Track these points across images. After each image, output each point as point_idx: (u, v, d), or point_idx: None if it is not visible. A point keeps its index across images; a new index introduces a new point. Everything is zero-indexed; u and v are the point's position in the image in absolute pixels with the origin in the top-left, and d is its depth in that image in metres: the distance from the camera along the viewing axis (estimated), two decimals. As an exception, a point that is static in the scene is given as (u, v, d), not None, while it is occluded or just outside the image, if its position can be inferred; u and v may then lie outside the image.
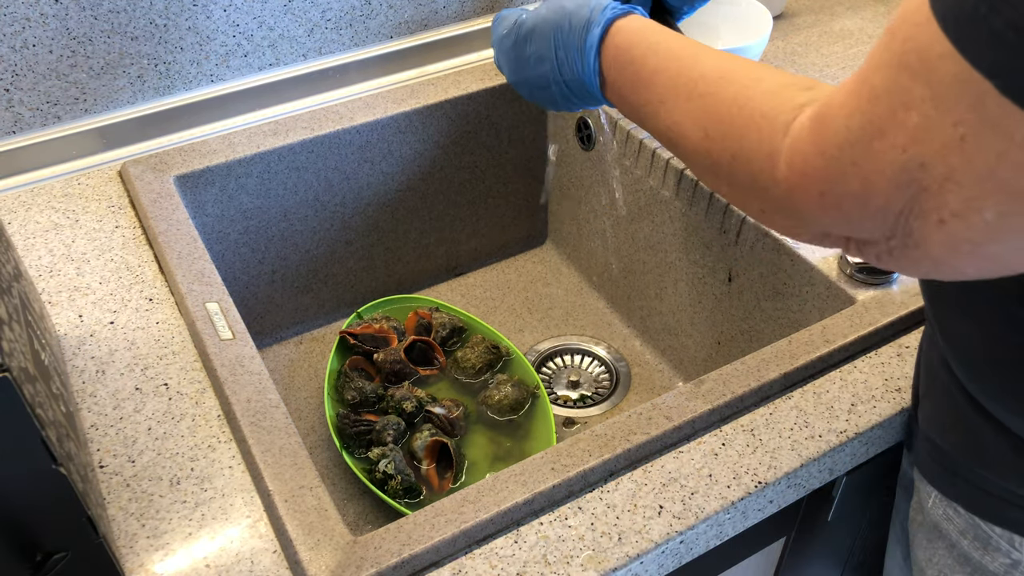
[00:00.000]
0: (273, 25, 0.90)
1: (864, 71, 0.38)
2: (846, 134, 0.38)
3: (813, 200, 0.41)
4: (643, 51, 0.56)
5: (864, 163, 0.37)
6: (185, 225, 0.78)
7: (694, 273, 0.90)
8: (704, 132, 0.50)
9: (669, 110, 0.53)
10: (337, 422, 0.84)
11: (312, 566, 0.52)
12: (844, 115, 0.38)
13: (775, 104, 0.45)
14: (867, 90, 0.37)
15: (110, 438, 0.61)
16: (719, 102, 0.49)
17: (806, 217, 0.43)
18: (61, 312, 0.71)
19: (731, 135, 0.47)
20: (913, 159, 0.35)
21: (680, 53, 0.54)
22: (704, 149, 0.50)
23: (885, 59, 0.36)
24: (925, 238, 0.37)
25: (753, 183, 0.46)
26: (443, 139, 0.98)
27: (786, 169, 0.43)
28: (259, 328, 0.98)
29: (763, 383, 0.64)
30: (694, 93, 0.51)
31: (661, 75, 0.54)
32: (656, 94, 0.54)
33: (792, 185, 0.42)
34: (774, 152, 0.44)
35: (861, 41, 1.05)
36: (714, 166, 0.50)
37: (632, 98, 0.57)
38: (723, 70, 0.50)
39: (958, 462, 0.56)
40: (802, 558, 0.78)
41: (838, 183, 0.39)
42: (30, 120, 0.84)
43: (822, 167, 0.40)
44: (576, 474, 0.58)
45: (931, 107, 0.34)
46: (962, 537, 0.58)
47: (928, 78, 0.34)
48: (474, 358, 0.91)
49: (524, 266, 1.11)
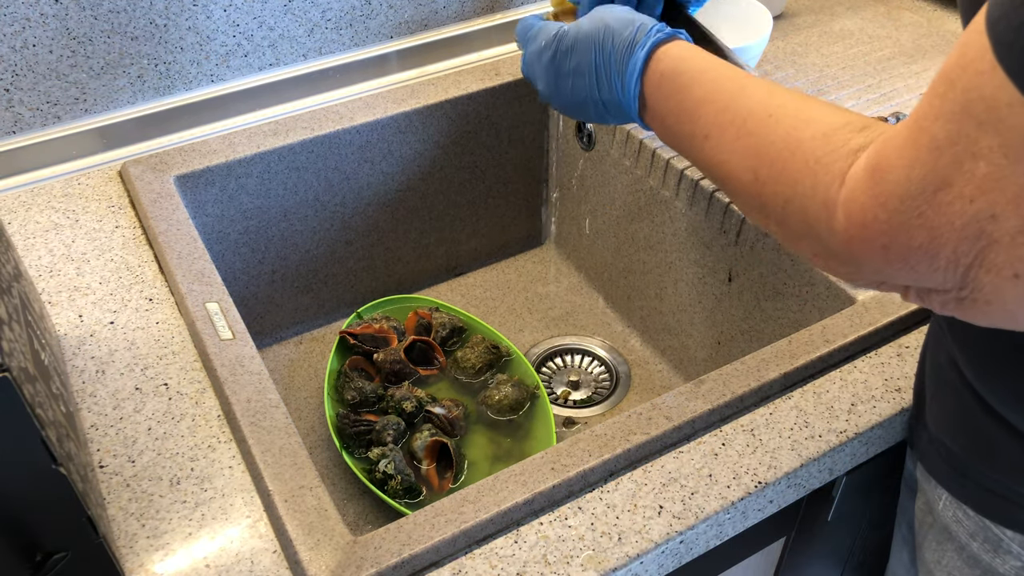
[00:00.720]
0: (273, 25, 0.90)
1: (921, 119, 0.37)
2: (907, 185, 0.37)
3: (876, 252, 0.40)
4: (688, 80, 0.54)
5: (930, 215, 0.36)
6: (185, 225, 0.78)
7: (694, 273, 0.90)
8: (754, 174, 0.48)
9: (714, 146, 0.51)
10: (337, 422, 0.84)
11: (312, 566, 0.52)
12: (903, 165, 0.37)
13: (828, 150, 0.43)
14: (927, 139, 0.36)
15: (110, 438, 0.61)
16: (769, 144, 0.47)
17: (866, 267, 0.42)
18: (61, 312, 0.71)
19: (783, 180, 0.46)
20: (983, 210, 0.34)
21: (727, 85, 0.52)
22: (754, 192, 0.48)
23: (945, 108, 0.35)
24: (999, 293, 0.36)
25: (808, 230, 0.44)
26: (443, 139, 0.98)
27: (844, 220, 0.41)
28: (259, 328, 0.98)
29: (763, 383, 0.64)
30: (742, 131, 0.49)
31: (706, 107, 0.52)
32: (700, 128, 0.52)
33: (852, 236, 0.41)
34: (830, 202, 0.42)
35: (861, 41, 1.05)
36: (764, 208, 0.48)
37: (675, 128, 0.55)
38: (772, 107, 0.48)
39: (968, 464, 0.56)
40: (802, 558, 0.78)
41: (903, 236, 0.38)
42: (30, 120, 0.84)
43: (884, 219, 0.38)
44: (576, 474, 0.58)
45: (1001, 157, 0.33)
46: (972, 539, 0.58)
47: (997, 127, 0.33)
48: (474, 358, 0.91)
49: (524, 266, 1.11)
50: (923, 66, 1.00)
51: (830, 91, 0.96)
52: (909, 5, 1.13)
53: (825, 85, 0.97)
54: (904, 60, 1.01)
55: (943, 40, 1.05)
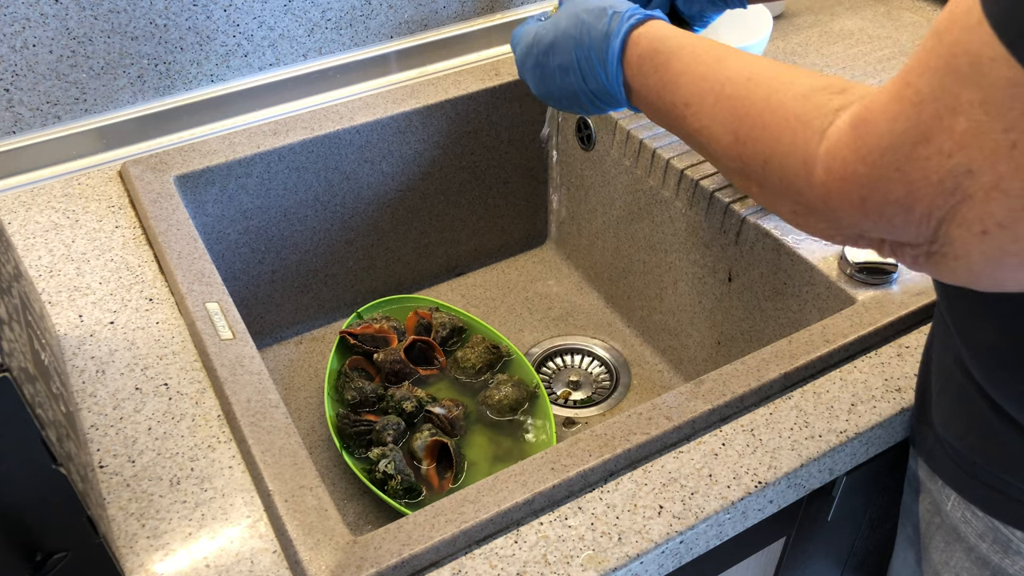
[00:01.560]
0: (273, 25, 0.90)
1: (907, 74, 0.37)
2: (889, 139, 0.37)
3: (854, 205, 0.41)
4: (666, 56, 0.55)
5: (908, 169, 0.37)
6: (185, 225, 0.78)
7: (694, 273, 0.90)
8: (734, 136, 0.49)
9: (695, 113, 0.52)
10: (337, 422, 0.84)
11: (312, 566, 0.52)
12: (887, 119, 0.37)
13: (809, 108, 0.44)
14: (911, 93, 0.36)
15: (110, 438, 0.61)
16: (748, 105, 0.48)
17: (843, 221, 0.42)
18: (61, 312, 0.71)
19: (763, 139, 0.46)
20: (960, 165, 0.35)
21: (704, 56, 0.53)
22: (735, 153, 0.49)
23: (931, 62, 0.35)
24: (967, 248, 0.37)
25: (787, 187, 0.45)
26: (443, 139, 0.98)
27: (824, 174, 0.42)
28: (259, 328, 0.98)
29: (763, 383, 0.64)
30: (721, 96, 0.50)
31: (685, 77, 0.53)
32: (681, 97, 0.53)
33: (831, 190, 0.41)
34: (810, 157, 0.43)
35: (861, 41, 1.05)
36: (745, 168, 0.49)
37: (658, 103, 0.56)
38: (750, 72, 0.49)
39: (976, 464, 0.56)
40: (802, 558, 0.78)
41: (881, 189, 0.38)
42: (30, 120, 0.84)
43: (864, 173, 0.39)
44: (576, 474, 0.58)
45: (981, 112, 0.33)
46: (981, 540, 0.58)
47: (979, 82, 0.33)
48: (474, 358, 0.91)
49: (524, 266, 1.11)
50: (923, 66, 1.00)
51: (830, 91, 0.96)
52: (909, 5, 1.13)
53: (825, 85, 0.97)
54: (904, 60, 1.01)
55: (943, 40, 1.05)
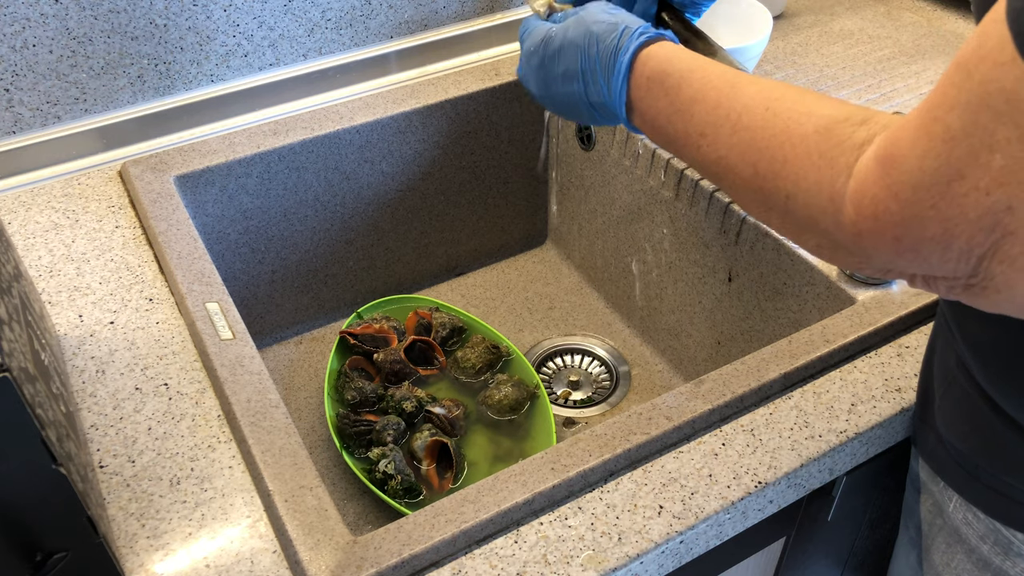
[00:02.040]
0: (273, 25, 0.90)
1: (933, 108, 0.36)
2: (920, 176, 0.37)
3: (887, 244, 0.40)
4: (677, 80, 0.53)
5: (944, 206, 0.36)
6: (185, 225, 0.78)
7: (694, 273, 0.90)
8: (754, 169, 0.47)
9: (711, 143, 0.50)
10: (337, 422, 0.84)
11: (312, 566, 0.52)
12: (916, 155, 0.37)
13: (832, 143, 0.42)
14: (941, 129, 0.36)
15: (110, 438, 0.61)
16: (768, 137, 0.46)
17: (876, 258, 0.42)
18: (61, 312, 0.71)
19: (784, 175, 0.45)
20: (999, 202, 0.34)
21: (716, 82, 0.51)
22: (755, 186, 0.47)
23: (961, 98, 0.35)
24: (1010, 283, 0.36)
25: (812, 223, 0.44)
26: (443, 139, 0.98)
27: (854, 213, 0.41)
28: (259, 328, 0.98)
29: (763, 383, 0.64)
30: (738, 126, 0.48)
31: (699, 106, 0.51)
32: (695, 126, 0.52)
33: (862, 229, 0.40)
34: (836, 195, 0.42)
35: (861, 41, 1.05)
36: (766, 202, 0.47)
37: (667, 129, 0.54)
38: (768, 100, 0.48)
39: (978, 466, 0.56)
40: (802, 558, 0.78)
41: (916, 227, 0.38)
42: (30, 120, 0.84)
43: (897, 211, 0.38)
44: (576, 474, 0.58)
45: (1019, 149, 0.33)
46: (982, 542, 0.58)
47: (1015, 119, 0.33)
48: (474, 358, 0.91)
49: (524, 266, 1.11)
50: (923, 66, 1.00)
51: (830, 91, 0.96)
52: (909, 5, 1.13)
53: (825, 85, 0.97)
54: (904, 60, 1.01)
55: (943, 40, 1.05)
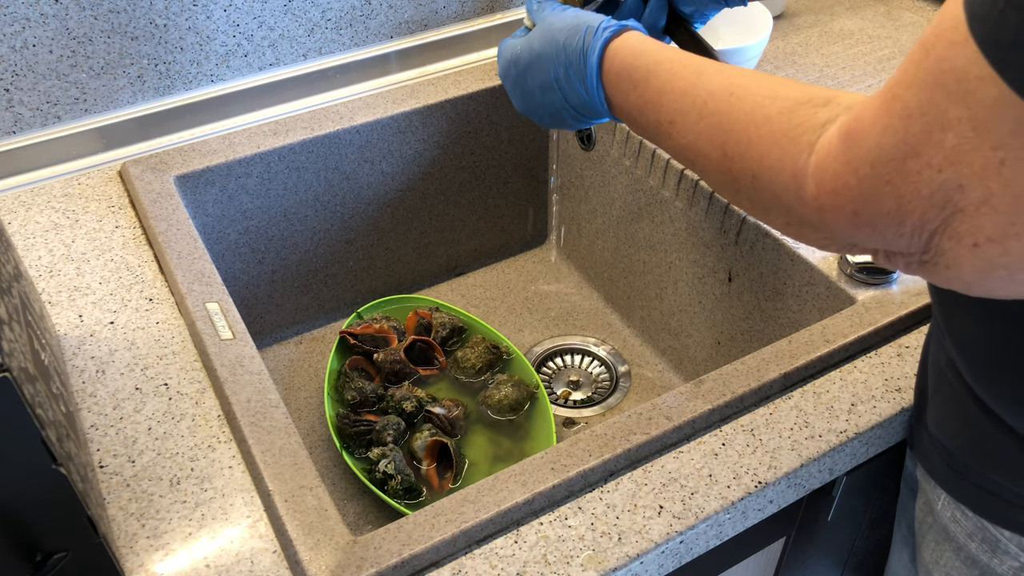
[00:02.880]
0: (273, 25, 0.90)
1: (895, 87, 0.37)
2: (878, 152, 0.37)
3: (846, 218, 0.41)
4: (644, 73, 0.55)
5: (899, 182, 0.37)
6: (185, 225, 0.78)
7: (694, 273, 0.90)
8: (722, 151, 0.49)
9: (680, 130, 0.52)
10: (337, 422, 0.84)
11: (312, 566, 0.52)
12: (876, 132, 0.38)
13: (795, 123, 0.44)
14: (899, 107, 0.36)
15: (110, 438, 0.61)
16: (733, 120, 0.48)
17: (837, 233, 0.42)
18: (61, 312, 0.71)
19: (750, 155, 0.46)
20: (950, 180, 0.35)
21: (682, 71, 0.53)
22: (723, 168, 0.49)
23: (919, 77, 0.35)
24: (958, 260, 0.37)
25: (777, 201, 0.45)
26: (443, 139, 0.98)
27: (815, 188, 0.42)
28: (259, 328, 0.98)
29: (763, 383, 0.64)
30: (704, 111, 0.50)
31: (666, 95, 0.53)
32: (665, 115, 0.53)
33: (823, 204, 0.42)
34: (799, 172, 0.43)
35: (861, 41, 1.05)
36: (734, 183, 0.49)
37: (641, 120, 0.56)
38: (732, 86, 0.49)
39: (966, 465, 0.56)
40: (802, 558, 0.78)
41: (872, 202, 0.39)
42: (30, 120, 0.84)
43: (855, 185, 0.39)
44: (576, 474, 0.58)
45: (969, 129, 0.33)
46: (970, 540, 0.58)
47: (966, 99, 0.33)
48: (474, 358, 0.91)
49: (524, 266, 1.11)
50: (923, 66, 1.00)
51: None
52: (909, 5, 1.13)
53: (825, 85, 0.97)
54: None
55: (943, 40, 1.05)
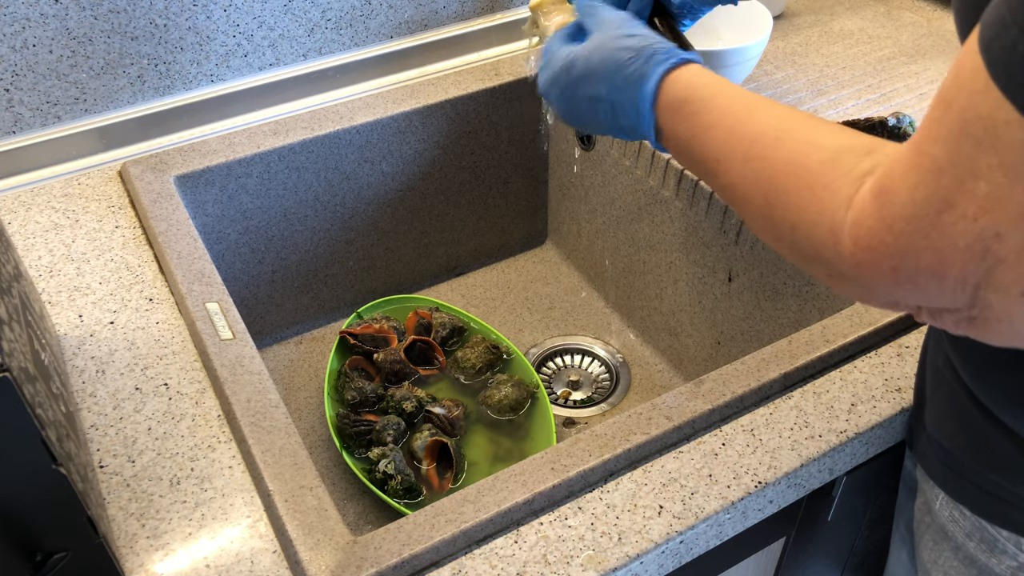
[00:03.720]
0: (273, 25, 0.90)
1: (920, 142, 0.37)
2: (912, 208, 0.37)
3: (885, 275, 0.40)
4: (698, 106, 0.54)
5: (935, 236, 0.36)
6: (185, 225, 0.78)
7: (694, 273, 0.90)
8: (764, 198, 0.47)
9: (725, 170, 0.51)
10: (337, 422, 0.84)
11: (312, 566, 0.52)
12: (907, 188, 0.37)
13: (835, 175, 0.43)
14: (927, 162, 0.36)
15: (110, 438, 0.61)
16: (776, 167, 0.47)
17: (876, 289, 0.42)
18: (61, 312, 0.71)
19: (790, 205, 0.45)
20: (987, 229, 0.34)
21: (734, 108, 0.51)
22: (765, 215, 0.48)
23: (944, 130, 0.35)
24: (1008, 311, 0.36)
25: (817, 254, 0.45)
26: (443, 139, 0.98)
27: (851, 244, 0.41)
28: (259, 328, 0.98)
29: (763, 383, 0.64)
30: (750, 155, 0.49)
31: (714, 131, 0.52)
32: (711, 152, 0.52)
33: (860, 261, 0.41)
34: (836, 227, 0.42)
35: (861, 41, 1.05)
36: (775, 231, 0.48)
37: (688, 154, 0.55)
38: (780, 130, 0.48)
39: (965, 464, 0.56)
40: (802, 558, 0.78)
41: (910, 258, 0.38)
42: (30, 120, 0.84)
43: (891, 242, 0.38)
44: (576, 474, 0.58)
45: (1000, 175, 0.33)
46: (968, 539, 0.58)
47: (995, 146, 0.33)
48: (474, 358, 0.91)
49: (524, 266, 1.11)
50: (923, 66, 1.00)
51: (830, 91, 0.96)
52: (909, 5, 1.13)
53: (825, 85, 0.97)
54: (904, 60, 1.01)
55: (943, 40, 1.05)
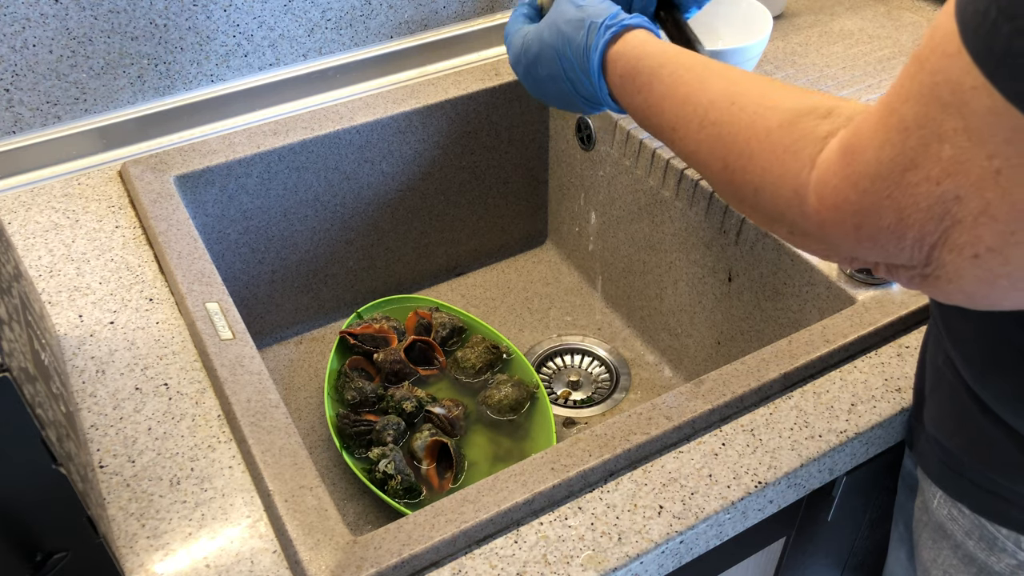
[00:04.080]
0: (273, 25, 0.90)
1: (891, 100, 0.37)
2: (877, 166, 0.37)
3: (848, 232, 0.41)
4: (648, 77, 0.54)
5: (898, 196, 0.37)
6: (185, 225, 0.78)
7: (694, 273, 0.90)
8: (723, 163, 0.48)
9: (683, 138, 0.52)
10: (337, 422, 0.84)
11: (312, 566, 0.52)
12: (874, 146, 0.38)
13: (796, 137, 0.44)
14: (896, 120, 0.36)
15: (110, 438, 0.61)
16: (734, 132, 0.48)
17: (839, 246, 0.43)
18: (61, 312, 0.71)
19: (751, 168, 0.46)
20: (948, 192, 0.35)
21: (685, 76, 0.52)
22: (725, 179, 0.49)
23: (914, 89, 0.35)
24: (959, 272, 0.37)
25: (780, 214, 0.45)
26: (443, 139, 0.98)
27: (816, 203, 0.42)
28: (259, 328, 0.98)
29: (763, 383, 0.64)
30: (706, 121, 0.50)
31: (668, 101, 0.53)
32: (667, 120, 0.53)
33: (824, 219, 0.42)
34: (800, 186, 0.43)
35: (861, 41, 1.05)
36: (737, 194, 0.49)
37: (646, 123, 0.56)
38: (733, 94, 0.49)
39: (964, 463, 0.56)
40: (802, 558, 0.78)
41: (873, 216, 0.38)
42: (30, 120, 0.84)
43: (855, 200, 0.39)
44: (576, 474, 0.58)
45: (965, 139, 0.33)
46: (967, 538, 0.58)
47: (961, 110, 0.33)
48: (474, 358, 0.91)
49: (524, 266, 1.11)
50: (923, 66, 1.00)
51: (830, 91, 0.96)
52: (909, 5, 1.13)
53: (825, 85, 0.97)
54: (904, 60, 1.01)
55: (943, 40, 1.05)
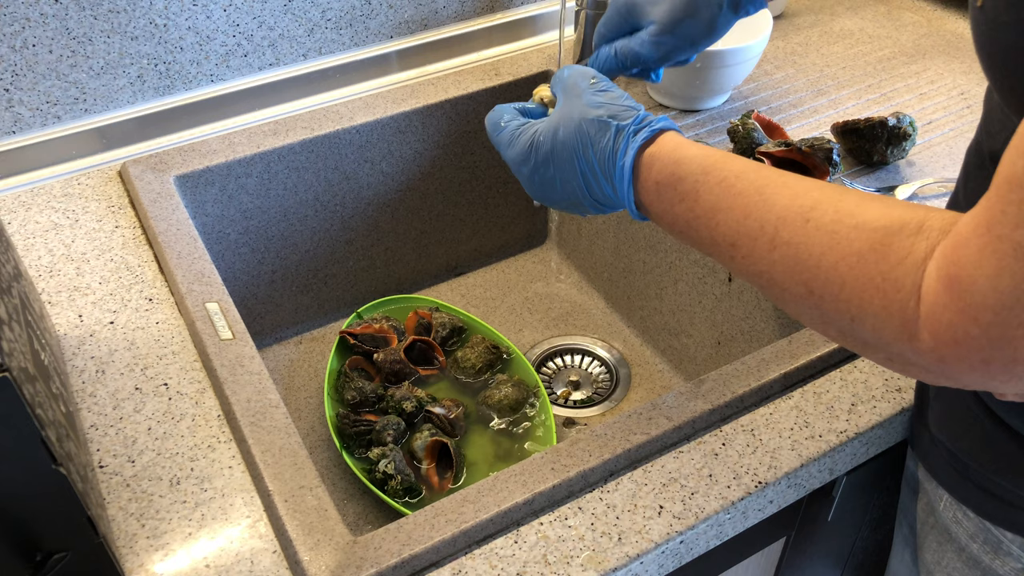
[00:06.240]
0: (273, 25, 0.90)
1: (993, 227, 0.35)
2: (997, 297, 0.35)
3: (975, 367, 0.37)
4: (691, 186, 0.49)
5: None
6: (185, 225, 0.78)
7: (694, 273, 0.90)
8: (806, 288, 0.43)
9: (747, 256, 0.46)
10: (337, 422, 0.84)
11: (312, 566, 0.52)
12: (987, 276, 0.35)
13: (894, 263, 0.39)
14: (1010, 248, 0.34)
15: (110, 438, 0.61)
16: (817, 255, 0.42)
17: (964, 380, 0.39)
18: (61, 312, 0.71)
19: (844, 297, 0.41)
20: None
21: (738, 185, 0.47)
22: (811, 305, 0.44)
23: (1023, 212, 0.33)
24: None
25: (885, 346, 0.41)
26: (443, 139, 0.98)
27: (932, 340, 0.38)
28: (259, 328, 0.98)
29: (763, 383, 0.64)
30: (777, 241, 0.44)
31: (723, 214, 0.47)
32: (723, 236, 0.47)
33: (945, 355, 0.38)
34: (908, 321, 0.39)
35: (861, 41, 1.05)
36: (826, 321, 0.44)
37: (691, 234, 0.50)
38: (804, 209, 0.43)
39: (969, 466, 0.56)
40: (802, 558, 0.78)
41: (1005, 349, 0.36)
42: (30, 120, 0.84)
43: (979, 335, 0.36)
44: (576, 474, 0.58)
45: None
46: (972, 541, 0.58)
47: None
48: (474, 358, 0.91)
49: (524, 266, 1.11)
50: (923, 66, 1.00)
51: (830, 91, 0.96)
52: (909, 5, 1.13)
53: (825, 85, 0.97)
54: (904, 60, 1.01)
55: (943, 40, 1.05)
